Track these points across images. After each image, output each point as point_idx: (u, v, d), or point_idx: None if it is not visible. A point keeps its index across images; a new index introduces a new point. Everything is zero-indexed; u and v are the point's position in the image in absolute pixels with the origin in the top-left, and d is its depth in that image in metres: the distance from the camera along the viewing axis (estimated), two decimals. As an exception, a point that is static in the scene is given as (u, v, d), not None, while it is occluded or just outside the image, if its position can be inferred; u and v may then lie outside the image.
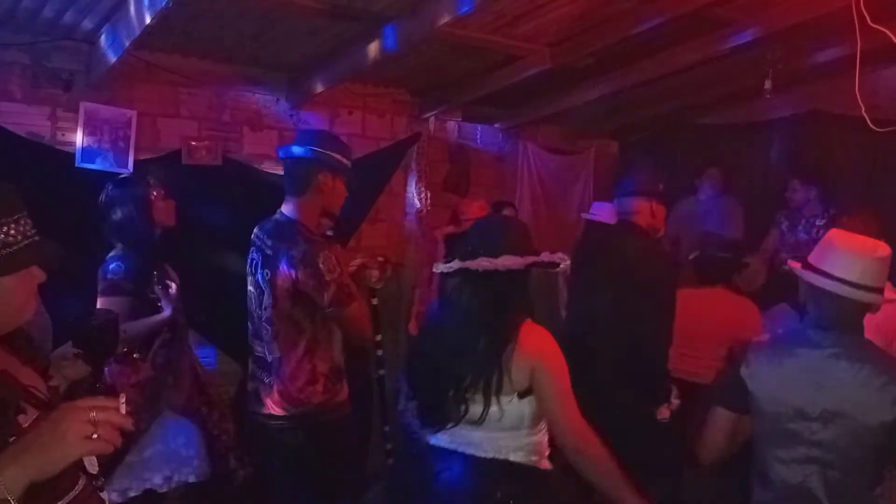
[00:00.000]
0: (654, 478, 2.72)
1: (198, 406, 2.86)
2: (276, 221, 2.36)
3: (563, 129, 5.69)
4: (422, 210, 4.72)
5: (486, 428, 1.84)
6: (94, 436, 1.06)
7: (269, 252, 2.29)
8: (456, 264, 1.89)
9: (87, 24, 3.13)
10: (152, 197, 2.81)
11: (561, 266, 1.92)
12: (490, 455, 1.84)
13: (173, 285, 2.76)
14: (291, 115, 4.13)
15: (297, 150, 2.36)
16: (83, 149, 3.40)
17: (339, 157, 2.36)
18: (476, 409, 1.82)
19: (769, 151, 5.25)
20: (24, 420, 1.17)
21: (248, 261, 2.41)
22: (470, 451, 1.86)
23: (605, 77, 4.30)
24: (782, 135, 5.14)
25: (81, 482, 1.29)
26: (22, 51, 3.24)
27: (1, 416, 1.14)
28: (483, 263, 1.84)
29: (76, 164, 3.36)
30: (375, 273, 2.60)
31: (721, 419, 1.98)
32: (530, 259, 1.88)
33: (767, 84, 3.99)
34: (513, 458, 1.84)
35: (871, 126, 2.69)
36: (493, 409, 1.81)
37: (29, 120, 3.30)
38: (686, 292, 3.27)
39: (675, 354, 3.15)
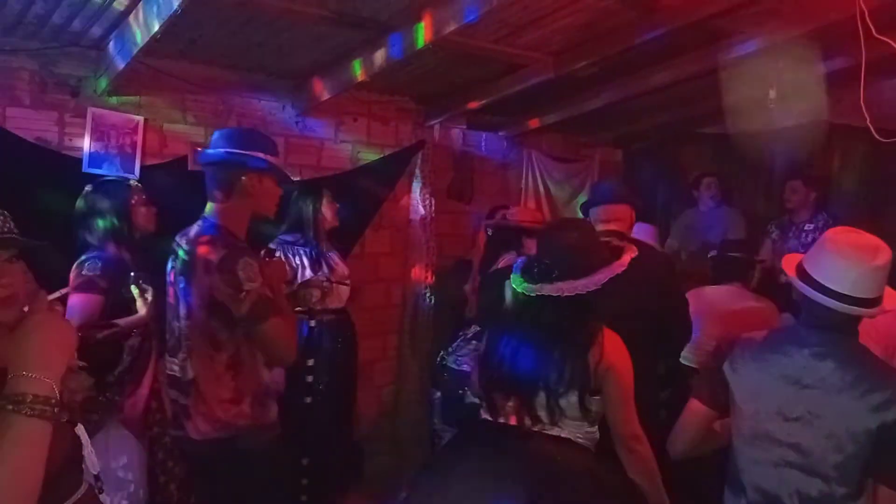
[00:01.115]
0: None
1: (150, 424, 2.71)
2: (198, 226, 2.19)
3: (566, 138, 5.71)
4: (426, 217, 4.73)
5: (563, 424, 1.96)
6: None
7: (186, 258, 2.13)
8: (539, 289, 1.95)
9: (96, 30, 3.16)
10: (133, 202, 2.83)
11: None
12: (564, 434, 1.96)
13: (150, 289, 2.68)
14: (297, 122, 4.15)
15: (215, 153, 2.20)
16: (90, 154, 3.42)
17: (262, 155, 2.19)
18: (570, 404, 1.94)
19: (772, 161, 5.26)
20: None
21: (167, 269, 2.24)
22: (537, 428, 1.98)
23: (609, 86, 4.31)
24: (785, 145, 5.14)
25: (84, 486, 1.30)
26: (30, 57, 3.27)
27: None
28: (564, 288, 1.92)
29: (83, 170, 3.38)
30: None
31: (695, 413, 1.95)
32: (607, 275, 1.95)
33: (772, 94, 4.00)
34: (574, 438, 1.98)
35: (877, 137, 2.70)
36: (584, 402, 1.93)
37: (37, 125, 3.32)
38: (703, 289, 3.36)
39: (693, 348, 3.23)
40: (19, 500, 0.99)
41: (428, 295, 4.69)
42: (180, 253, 2.16)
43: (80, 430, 1.32)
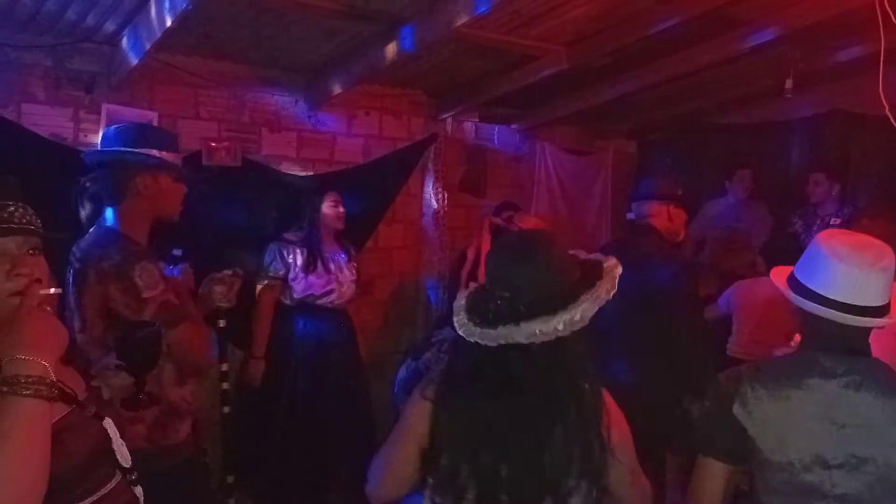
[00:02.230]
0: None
1: None
2: (93, 233, 2.00)
3: (580, 130, 5.67)
4: (439, 211, 4.73)
5: None
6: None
7: (77, 266, 1.94)
8: (503, 336, 1.34)
9: (109, 26, 3.17)
10: None
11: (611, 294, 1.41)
12: None
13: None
14: (309, 117, 4.15)
15: (102, 153, 2.05)
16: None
17: (155, 152, 2.02)
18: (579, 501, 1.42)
19: (789, 152, 5.19)
20: (52, 416, 1.19)
21: (64, 280, 2.03)
22: None
23: (623, 77, 4.27)
24: (803, 135, 5.08)
25: (116, 477, 1.32)
26: (44, 53, 3.28)
27: None
28: (538, 331, 1.32)
29: (98, 165, 3.41)
30: (220, 289, 2.23)
31: (713, 474, 1.57)
32: (598, 298, 1.36)
33: (788, 83, 3.95)
34: None
35: (895, 125, 2.65)
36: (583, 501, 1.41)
37: (52, 121, 3.34)
38: (751, 281, 3.38)
39: (746, 340, 3.25)
40: (25, 477, 1.00)
41: (442, 288, 4.69)
42: (75, 261, 1.98)
43: (108, 423, 1.33)
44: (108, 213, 2.02)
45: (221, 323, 2.46)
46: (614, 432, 1.45)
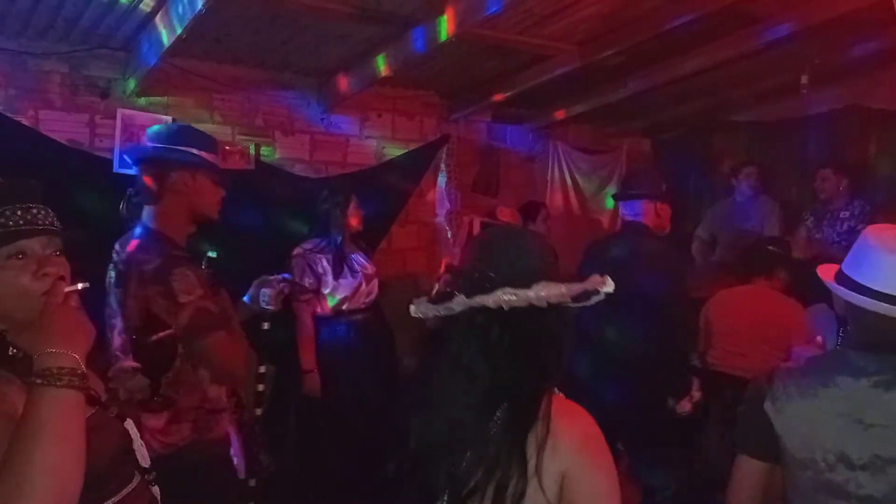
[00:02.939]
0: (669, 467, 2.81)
1: None
2: (135, 233, 2.01)
3: (593, 128, 5.64)
4: (452, 211, 4.73)
5: None
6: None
7: (122, 268, 1.97)
8: (459, 301, 1.23)
9: (124, 32, 3.20)
10: None
11: (600, 294, 1.26)
12: None
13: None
14: (322, 119, 4.17)
15: (143, 149, 2.08)
16: (121, 154, 3.48)
17: (195, 151, 2.04)
18: None
19: (805, 149, 5.14)
20: None
21: (106, 280, 2.06)
22: None
23: (637, 75, 4.25)
24: (819, 131, 5.02)
25: (136, 478, 1.33)
26: (61, 60, 3.33)
27: None
28: (508, 298, 1.20)
29: (114, 170, 3.44)
30: (269, 293, 2.24)
31: (749, 471, 1.56)
32: (578, 287, 1.23)
33: (804, 79, 3.91)
34: None
35: (913, 121, 2.62)
36: None
37: (69, 127, 3.38)
38: (728, 291, 3.32)
39: (722, 352, 3.22)
40: (66, 465, 1.02)
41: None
42: (117, 262, 2.00)
43: (130, 424, 1.35)
44: (147, 212, 2.03)
45: (265, 325, 2.45)
46: (552, 458, 1.16)
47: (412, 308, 1.36)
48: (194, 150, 2.04)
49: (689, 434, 3.05)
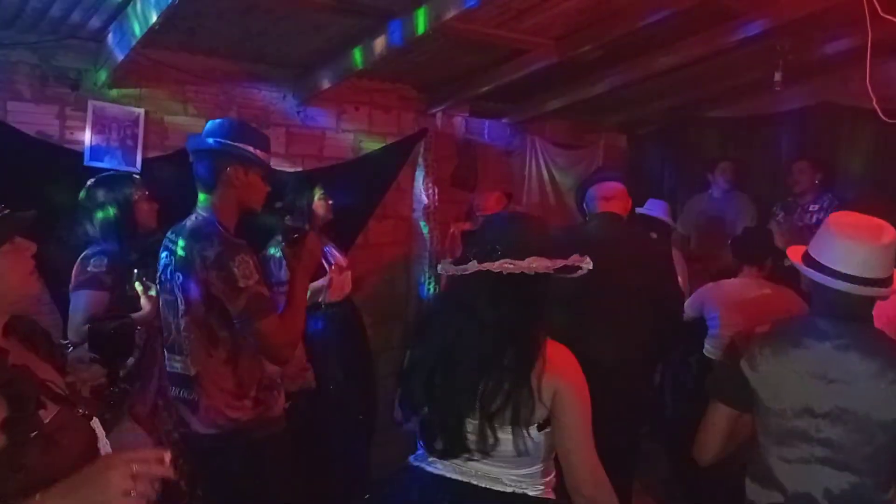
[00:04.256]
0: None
1: (158, 422, 2.64)
2: (192, 221, 2.17)
3: (571, 124, 5.66)
4: (430, 206, 4.72)
5: (502, 460, 1.65)
6: (132, 493, 1.09)
7: (182, 254, 2.12)
8: (473, 266, 1.66)
9: (94, 22, 3.14)
10: (136, 197, 2.83)
11: (583, 269, 1.69)
12: (510, 489, 1.66)
13: (153, 286, 2.65)
14: (298, 112, 4.13)
15: (203, 142, 2.20)
16: (91, 147, 3.41)
17: (250, 148, 2.18)
18: (506, 438, 1.62)
19: (778, 145, 5.22)
20: (45, 415, 1.19)
21: (160, 266, 2.23)
22: (485, 484, 1.66)
23: (613, 70, 4.27)
24: (791, 127, 5.10)
25: None
26: (29, 50, 3.25)
27: (22, 411, 1.15)
28: (507, 266, 1.63)
29: (85, 163, 3.38)
30: (301, 240, 2.24)
31: (720, 416, 1.85)
32: (560, 262, 1.66)
33: (777, 76, 3.96)
34: (531, 492, 1.68)
35: (883, 118, 2.67)
36: (520, 440, 1.61)
37: (38, 119, 3.31)
38: (723, 282, 3.42)
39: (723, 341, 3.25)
40: None
41: (432, 284, 4.68)
42: (177, 248, 2.14)
43: (96, 424, 1.33)
44: (202, 199, 2.18)
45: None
46: (548, 385, 1.62)
47: (439, 266, 1.80)
48: (250, 148, 2.18)
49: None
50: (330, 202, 3.57)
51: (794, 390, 1.71)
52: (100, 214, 2.77)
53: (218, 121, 2.27)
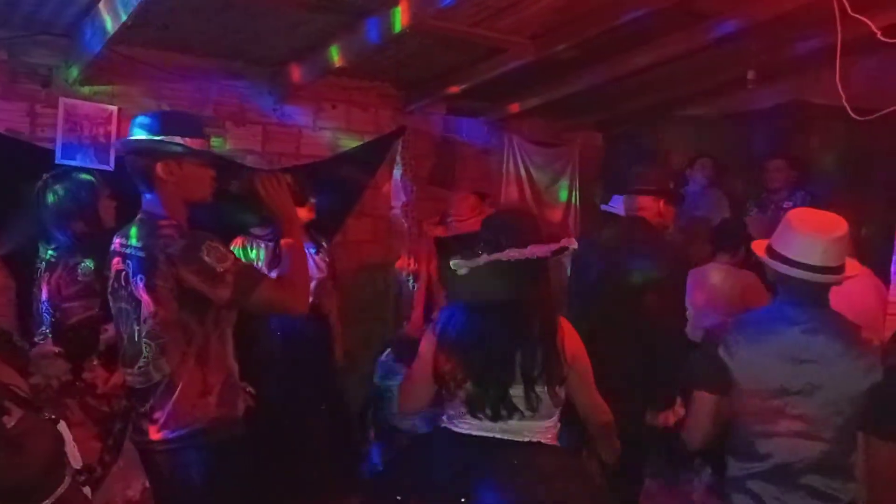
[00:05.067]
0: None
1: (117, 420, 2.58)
2: (141, 222, 2.07)
3: (548, 122, 5.69)
4: (408, 204, 4.71)
5: (542, 416, 1.98)
6: None
7: (141, 255, 2.00)
8: (484, 258, 1.95)
9: (66, 18, 3.09)
10: (99, 194, 2.78)
11: (570, 249, 2.02)
12: (526, 439, 1.98)
13: None
14: (275, 109, 4.10)
15: (128, 142, 2.11)
16: (63, 145, 3.36)
17: (178, 139, 2.05)
18: (544, 395, 1.95)
19: (751, 142, 5.29)
20: (9, 420, 1.17)
21: (114, 275, 2.09)
22: (508, 436, 1.98)
23: (589, 69, 4.30)
24: (764, 125, 5.18)
25: (67, 480, 1.29)
26: (-1, 46, 3.20)
27: None
28: (512, 254, 1.92)
29: (56, 161, 3.32)
30: (268, 182, 2.15)
31: (705, 404, 1.99)
32: (555, 246, 1.97)
33: (750, 75, 4.02)
34: (543, 441, 2.01)
35: (852, 115, 2.71)
36: (554, 396, 1.96)
37: (8, 116, 3.25)
38: (698, 270, 3.56)
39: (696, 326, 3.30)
40: None
41: (411, 282, 4.68)
42: (133, 252, 2.03)
43: (63, 426, 1.31)
44: (145, 200, 2.10)
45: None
46: (568, 348, 1.98)
47: (452, 262, 2.03)
48: (178, 139, 2.06)
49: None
50: (313, 201, 3.53)
51: (770, 372, 1.87)
52: (51, 198, 2.69)
53: (140, 118, 2.15)
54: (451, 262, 2.04)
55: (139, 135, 2.08)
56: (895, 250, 2.55)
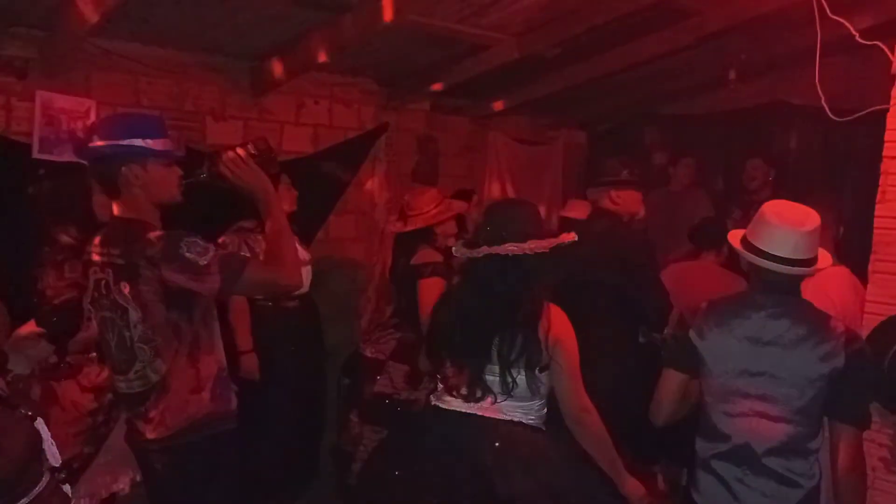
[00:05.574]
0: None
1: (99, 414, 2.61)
2: (114, 228, 2.05)
3: (531, 120, 5.70)
4: (391, 201, 4.69)
5: (518, 399, 2.03)
6: None
7: (121, 262, 1.98)
8: (484, 250, 2.02)
9: (41, 9, 3.03)
10: (89, 187, 2.76)
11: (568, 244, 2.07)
12: (507, 417, 2.04)
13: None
14: (255, 105, 4.06)
15: (90, 149, 2.06)
16: (40, 139, 3.30)
17: (139, 141, 2.01)
18: (521, 380, 2.01)
19: (732, 141, 5.34)
20: None
21: (93, 284, 2.05)
22: (489, 414, 2.04)
23: (573, 67, 4.31)
24: (745, 125, 5.23)
25: (45, 477, 1.28)
26: (-28, 38, 3.13)
27: None
28: (511, 249, 1.98)
29: (33, 155, 3.26)
30: (230, 154, 2.06)
31: (672, 381, 2.09)
32: (553, 241, 2.03)
33: (731, 74, 4.06)
34: (525, 420, 2.06)
35: (831, 116, 2.74)
36: (532, 381, 2.01)
37: (-19, 109, 3.20)
38: (680, 266, 3.54)
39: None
40: None
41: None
42: (112, 259, 2.02)
43: (40, 424, 1.29)
44: (117, 206, 2.06)
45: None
46: (553, 334, 2.02)
47: (454, 249, 2.15)
48: (139, 142, 2.02)
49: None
50: (296, 193, 3.51)
51: (734, 354, 1.95)
52: (46, 197, 2.68)
53: (98, 122, 2.14)
54: (452, 248, 2.15)
55: (99, 140, 2.03)
56: (873, 249, 2.58)
